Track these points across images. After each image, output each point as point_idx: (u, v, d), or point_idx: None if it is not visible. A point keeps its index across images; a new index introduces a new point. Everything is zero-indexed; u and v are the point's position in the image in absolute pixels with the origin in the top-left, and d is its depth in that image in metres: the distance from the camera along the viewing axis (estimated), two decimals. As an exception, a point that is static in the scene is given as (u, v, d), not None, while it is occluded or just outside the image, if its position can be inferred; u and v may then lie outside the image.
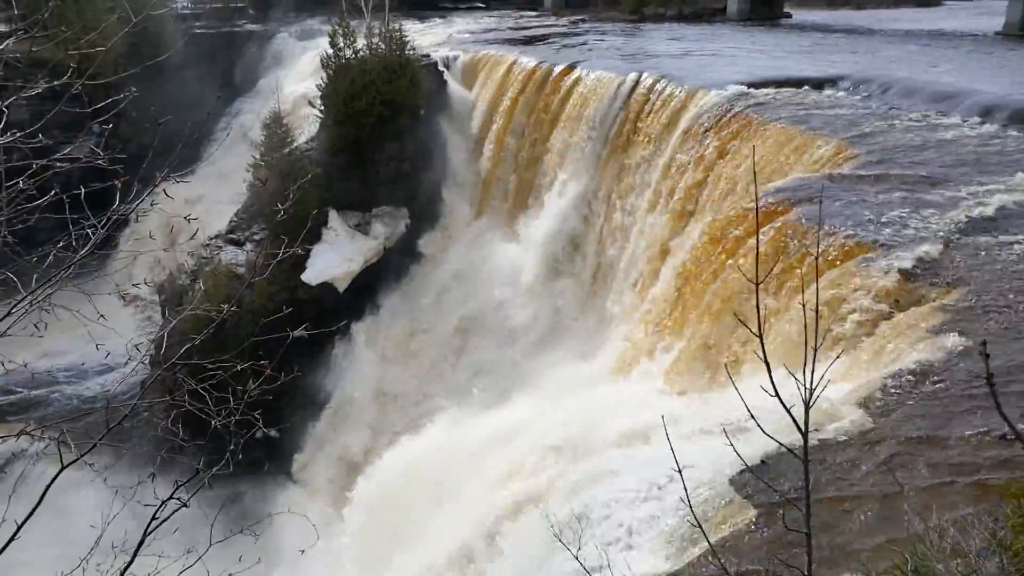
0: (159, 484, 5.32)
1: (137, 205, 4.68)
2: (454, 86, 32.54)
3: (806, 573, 4.73)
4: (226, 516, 5.94)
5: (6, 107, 4.56)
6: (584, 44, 35.83)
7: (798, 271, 13.05)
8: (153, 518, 4.72)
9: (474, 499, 14.01)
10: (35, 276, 4.55)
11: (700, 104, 21.27)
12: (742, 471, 8.91)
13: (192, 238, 24.71)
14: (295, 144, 28.95)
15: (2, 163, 4.36)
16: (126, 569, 4.67)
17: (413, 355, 27.38)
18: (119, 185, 5.13)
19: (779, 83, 22.53)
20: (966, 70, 25.61)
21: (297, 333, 6.35)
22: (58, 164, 4.77)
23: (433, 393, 25.47)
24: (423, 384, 26.33)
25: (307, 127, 31.93)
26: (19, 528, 4.37)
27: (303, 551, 6.79)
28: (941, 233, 12.82)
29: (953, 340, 10.20)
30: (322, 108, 29.53)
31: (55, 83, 4.88)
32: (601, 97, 25.08)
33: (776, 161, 17.47)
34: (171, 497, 4.80)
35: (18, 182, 4.45)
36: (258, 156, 28.45)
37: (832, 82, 22.76)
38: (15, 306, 4.35)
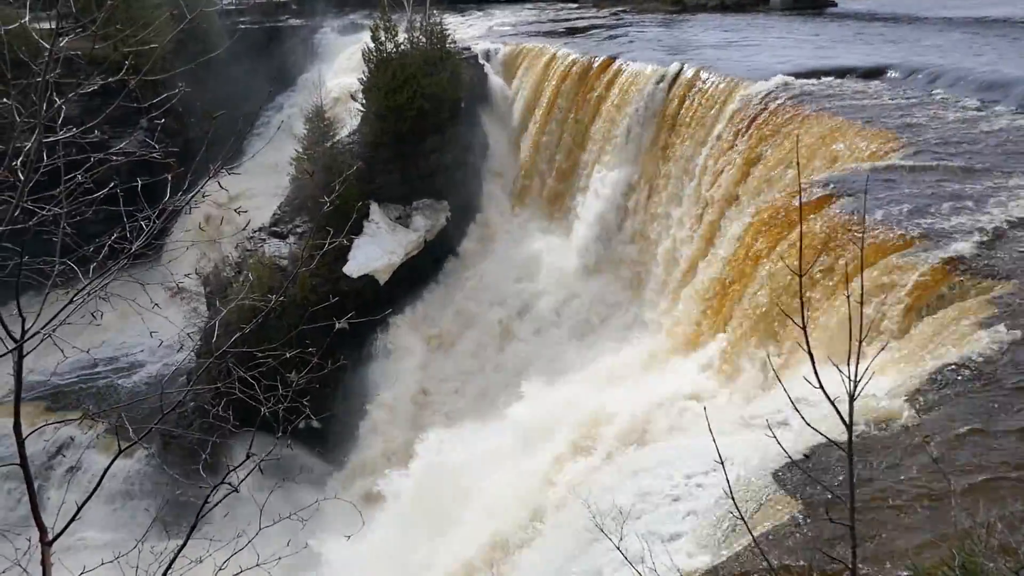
0: (208, 470, 5.45)
1: (192, 197, 4.81)
2: (494, 79, 32.58)
3: (851, 568, 4.71)
4: (275, 502, 6.08)
5: (59, 104, 4.69)
6: (625, 35, 35.63)
7: (842, 263, 12.90)
8: (205, 502, 4.85)
9: (514, 488, 14.09)
10: (92, 266, 4.70)
11: (743, 95, 21.05)
12: (785, 465, 8.86)
13: (244, 229, 25.09)
14: (337, 138, 29.22)
15: (62, 158, 4.50)
16: (179, 552, 4.80)
17: (455, 346, 27.53)
18: (171, 178, 5.26)
19: (824, 73, 22.23)
20: (1016, 59, 25.00)
21: (341, 324, 6.45)
22: (114, 158, 4.91)
23: (476, 383, 25.60)
24: (465, 374, 26.48)
25: (349, 121, 32.19)
26: (79, 509, 4.52)
27: (349, 536, 6.92)
28: (989, 225, 12.57)
29: (1001, 333, 10.02)
30: (363, 102, 29.76)
31: (111, 80, 5.02)
32: (643, 88, 24.94)
33: (821, 152, 17.25)
34: (222, 482, 4.93)
35: (76, 176, 4.59)
36: (301, 150, 28.78)
37: (878, 72, 22.39)
38: (76, 295, 4.50)
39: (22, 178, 4.17)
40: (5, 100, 4.35)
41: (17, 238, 4.38)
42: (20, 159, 4.20)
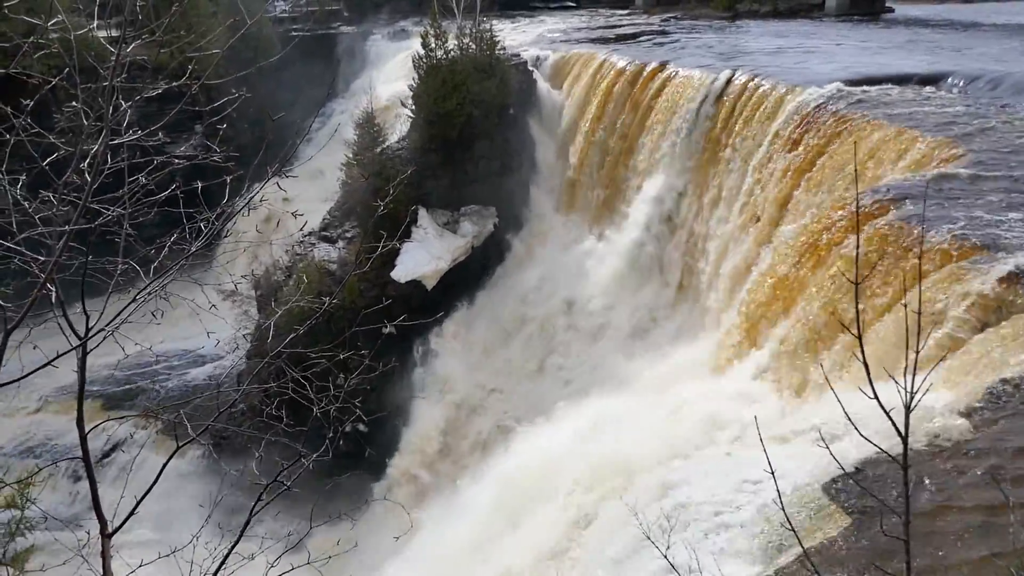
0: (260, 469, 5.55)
1: (252, 198, 4.91)
2: (543, 85, 32.62)
3: (904, 582, 4.61)
4: (324, 503, 6.16)
5: (126, 108, 4.82)
6: (676, 42, 35.44)
7: (899, 273, 12.66)
8: (258, 499, 4.94)
9: (563, 496, 14.06)
10: (153, 266, 4.82)
11: (796, 102, 20.77)
12: (838, 476, 8.71)
13: (302, 229, 25.42)
14: (386, 143, 29.50)
15: (126, 160, 4.63)
16: (232, 548, 4.89)
17: (501, 353, 27.57)
18: (229, 181, 5.38)
19: (879, 80, 21.86)
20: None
21: (390, 328, 6.51)
22: (176, 161, 5.04)
23: (522, 391, 25.61)
24: (511, 382, 26.50)
25: (399, 127, 32.48)
26: (138, 504, 4.63)
27: (398, 538, 6.97)
28: (1052, 236, 12.22)
29: (1065, 347, 9.74)
30: (413, 108, 30.00)
31: (174, 84, 5.15)
32: (693, 95, 24.76)
33: (877, 160, 16.95)
34: (274, 480, 5.01)
35: (139, 178, 4.72)
36: (351, 155, 29.11)
37: (936, 79, 21.93)
38: (139, 293, 4.61)
39: (88, 179, 4.29)
40: (74, 104, 4.49)
41: (82, 238, 4.51)
42: (87, 161, 4.33)
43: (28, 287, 4.43)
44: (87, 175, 4.31)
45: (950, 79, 21.72)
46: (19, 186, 4.59)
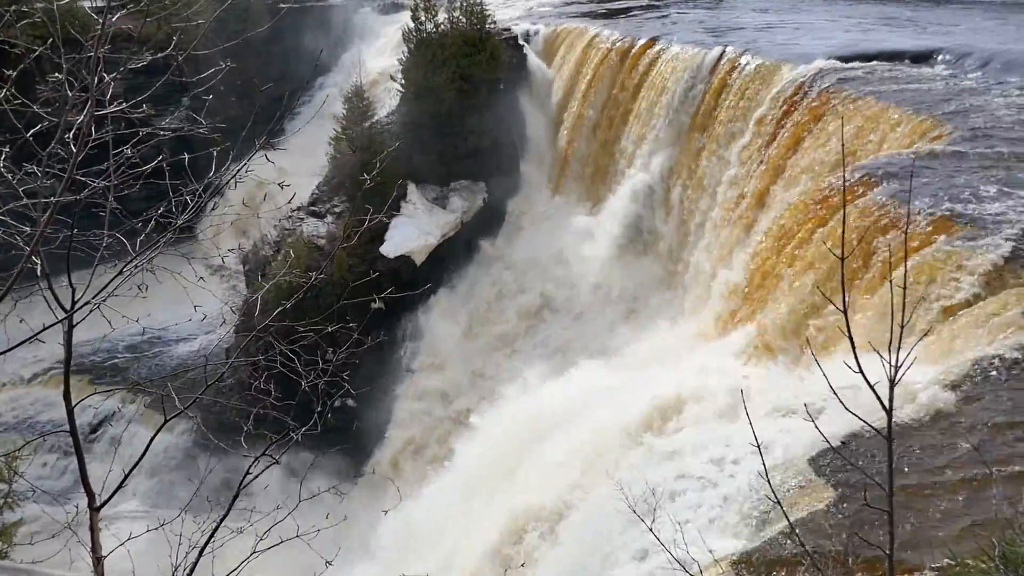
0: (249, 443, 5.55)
1: (238, 172, 4.87)
2: (534, 60, 32.38)
3: (888, 553, 4.67)
4: (314, 477, 6.18)
5: (110, 79, 4.76)
6: (667, 17, 35.18)
7: (885, 249, 12.70)
8: (247, 473, 4.95)
9: (547, 471, 14.13)
10: (139, 239, 4.78)
11: (786, 78, 20.72)
12: (823, 450, 8.80)
13: (289, 203, 25.21)
14: (375, 118, 29.30)
15: (110, 132, 4.58)
16: (221, 521, 4.90)
17: (490, 329, 27.60)
18: (215, 154, 5.33)
19: (869, 56, 21.76)
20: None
21: (378, 303, 6.51)
22: (162, 133, 4.99)
23: (510, 365, 25.65)
24: (500, 357, 26.55)
25: (388, 101, 32.24)
26: (126, 476, 4.63)
27: (386, 512, 7.01)
28: (1039, 213, 12.26)
29: (1049, 323, 9.82)
30: (402, 82, 29.77)
31: (160, 55, 5.09)
32: (683, 71, 24.66)
33: (865, 137, 16.95)
34: (263, 453, 5.02)
35: (124, 150, 4.67)
36: (339, 130, 28.90)
37: (926, 56, 21.86)
38: (125, 266, 4.59)
39: (73, 151, 4.25)
40: (58, 74, 4.44)
41: (67, 211, 4.47)
42: (72, 132, 4.28)
43: (13, 260, 4.40)
44: (72, 147, 4.27)
45: (941, 56, 21.65)
46: (2, 158, 4.54)
